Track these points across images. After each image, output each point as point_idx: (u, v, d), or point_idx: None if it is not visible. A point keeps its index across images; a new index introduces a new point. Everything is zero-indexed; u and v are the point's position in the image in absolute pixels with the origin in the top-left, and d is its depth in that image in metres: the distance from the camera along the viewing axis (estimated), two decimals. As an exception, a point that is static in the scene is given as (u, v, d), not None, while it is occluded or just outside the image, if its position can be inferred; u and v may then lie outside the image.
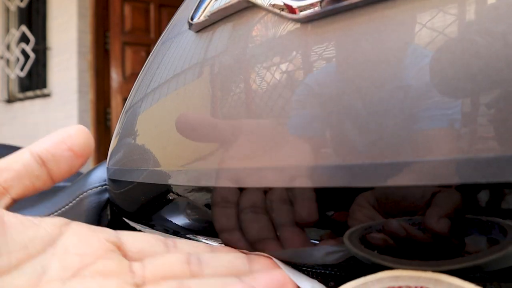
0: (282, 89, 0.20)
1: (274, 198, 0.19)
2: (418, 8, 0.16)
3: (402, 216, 0.16)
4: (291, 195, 0.18)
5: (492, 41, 0.14)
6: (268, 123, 0.20)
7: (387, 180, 0.16)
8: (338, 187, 0.17)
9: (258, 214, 0.20)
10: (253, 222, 0.20)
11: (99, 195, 0.40)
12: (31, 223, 0.19)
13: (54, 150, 0.21)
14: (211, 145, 0.23)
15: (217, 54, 0.24)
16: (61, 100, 2.81)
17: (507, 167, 0.13)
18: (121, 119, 0.35)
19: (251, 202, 0.20)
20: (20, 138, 2.93)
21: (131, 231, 0.22)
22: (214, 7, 0.25)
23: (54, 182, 0.22)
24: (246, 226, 0.20)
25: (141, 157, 0.29)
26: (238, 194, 0.20)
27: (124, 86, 2.79)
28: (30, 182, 0.21)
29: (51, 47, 2.87)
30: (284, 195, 0.19)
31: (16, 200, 0.21)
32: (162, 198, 0.27)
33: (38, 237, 0.18)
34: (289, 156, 0.18)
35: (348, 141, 0.17)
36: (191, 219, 0.26)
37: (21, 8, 3.05)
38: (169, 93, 0.28)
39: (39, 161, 0.21)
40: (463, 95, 0.14)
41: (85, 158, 0.22)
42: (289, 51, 0.20)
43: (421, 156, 0.15)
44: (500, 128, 0.13)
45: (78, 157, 0.22)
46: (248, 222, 0.20)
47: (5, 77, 3.11)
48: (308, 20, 0.19)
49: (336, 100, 0.18)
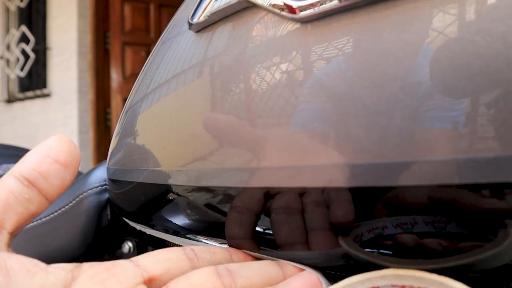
0: (282, 89, 0.20)
1: (308, 198, 0.18)
2: (418, 8, 0.16)
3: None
4: (325, 195, 0.18)
5: (492, 41, 0.14)
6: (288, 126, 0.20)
7: (393, 180, 0.16)
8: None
9: (290, 215, 0.19)
10: (284, 224, 0.19)
11: (99, 195, 0.40)
12: (38, 268, 0.17)
13: (39, 167, 0.19)
14: (222, 145, 0.23)
15: (217, 54, 0.24)
16: (61, 100, 2.81)
17: (507, 167, 0.13)
18: (121, 119, 0.35)
19: (282, 203, 0.19)
20: (20, 138, 2.93)
21: (149, 252, 0.20)
22: (214, 7, 0.25)
23: (50, 201, 0.20)
24: (277, 228, 0.20)
25: (141, 157, 0.29)
26: (260, 195, 0.20)
27: (124, 86, 2.79)
28: (24, 208, 0.18)
29: (51, 47, 2.87)
30: (318, 195, 0.18)
31: (15, 234, 0.19)
32: (162, 198, 0.27)
33: (47, 284, 0.16)
34: (321, 156, 0.18)
35: (350, 140, 0.17)
36: (191, 219, 0.26)
37: (21, 8, 3.05)
38: (169, 93, 0.28)
39: (26, 183, 0.19)
40: (463, 95, 0.14)
41: (74, 167, 0.20)
42: (289, 51, 0.20)
43: (421, 156, 0.15)
44: (500, 128, 0.13)
45: (67, 168, 0.20)
46: (279, 224, 0.20)
47: (5, 77, 3.11)
48: (308, 20, 0.19)
49: (346, 98, 0.18)
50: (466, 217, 0.15)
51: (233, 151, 0.21)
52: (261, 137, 0.20)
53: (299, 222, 0.19)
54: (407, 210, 0.16)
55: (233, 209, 0.21)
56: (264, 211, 0.20)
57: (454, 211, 0.15)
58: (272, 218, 0.20)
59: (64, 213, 0.40)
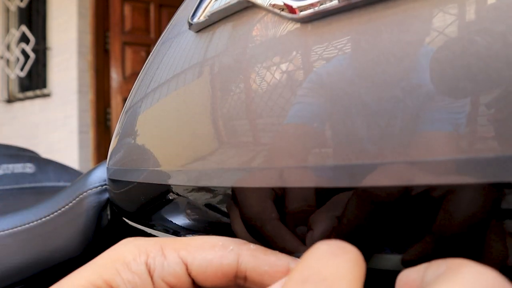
0: (282, 89, 0.20)
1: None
2: (418, 8, 0.16)
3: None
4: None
5: (492, 41, 0.14)
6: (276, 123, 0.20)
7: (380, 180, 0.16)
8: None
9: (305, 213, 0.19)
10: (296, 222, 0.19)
11: (99, 195, 0.40)
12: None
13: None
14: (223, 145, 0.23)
15: (217, 54, 0.24)
16: (61, 100, 2.81)
17: (507, 167, 0.13)
18: (121, 119, 0.35)
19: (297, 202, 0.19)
20: (20, 138, 2.93)
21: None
22: (214, 7, 0.25)
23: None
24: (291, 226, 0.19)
25: (141, 157, 0.29)
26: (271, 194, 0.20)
27: (124, 86, 2.79)
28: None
29: (51, 47, 2.87)
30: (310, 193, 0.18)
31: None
32: (162, 198, 0.27)
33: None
34: (322, 155, 0.18)
35: (350, 140, 0.17)
36: (191, 219, 0.26)
37: (21, 8, 3.05)
38: (169, 93, 0.28)
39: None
40: (462, 95, 0.14)
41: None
42: (289, 51, 0.20)
43: (421, 156, 0.15)
44: (500, 128, 0.13)
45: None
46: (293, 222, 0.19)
47: (5, 77, 3.11)
48: (308, 20, 0.19)
49: (347, 97, 0.18)
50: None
51: (233, 151, 0.21)
52: (261, 137, 0.20)
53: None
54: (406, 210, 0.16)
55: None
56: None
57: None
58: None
59: (64, 213, 0.40)
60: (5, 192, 0.63)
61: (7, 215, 0.42)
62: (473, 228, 0.14)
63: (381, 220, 0.16)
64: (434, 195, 0.15)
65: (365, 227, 0.17)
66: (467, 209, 0.14)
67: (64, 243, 0.40)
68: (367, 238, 0.17)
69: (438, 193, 0.15)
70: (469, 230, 0.14)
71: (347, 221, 0.17)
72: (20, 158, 0.70)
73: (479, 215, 0.14)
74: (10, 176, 0.67)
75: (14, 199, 0.57)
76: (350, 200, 0.17)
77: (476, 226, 0.14)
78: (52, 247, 0.40)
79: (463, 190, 0.14)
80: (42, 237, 0.40)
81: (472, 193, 0.14)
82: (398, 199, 0.16)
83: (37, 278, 0.40)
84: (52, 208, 0.40)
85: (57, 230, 0.40)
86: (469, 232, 0.15)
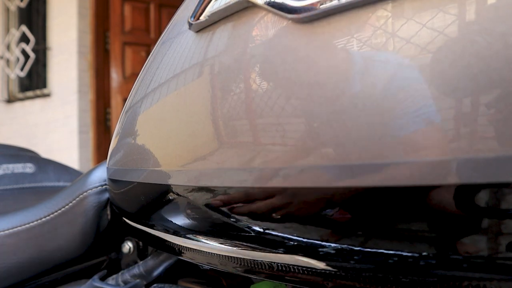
0: (282, 89, 0.20)
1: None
2: (418, 9, 0.16)
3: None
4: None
5: (492, 41, 0.14)
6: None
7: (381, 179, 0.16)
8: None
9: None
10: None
11: (99, 195, 0.40)
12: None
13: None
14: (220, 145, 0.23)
15: (217, 54, 0.24)
16: (61, 100, 2.81)
17: (507, 167, 0.13)
18: (121, 119, 0.35)
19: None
20: (20, 138, 2.93)
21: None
22: (214, 7, 0.25)
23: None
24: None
25: (141, 157, 0.29)
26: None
27: (124, 86, 2.79)
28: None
29: (51, 47, 2.87)
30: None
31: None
32: (162, 198, 0.27)
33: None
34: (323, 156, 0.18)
35: (345, 141, 0.17)
36: (191, 219, 0.26)
37: (21, 8, 3.05)
38: (169, 93, 0.28)
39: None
40: (463, 95, 0.14)
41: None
42: (289, 51, 0.20)
43: (421, 156, 0.15)
44: (500, 128, 0.13)
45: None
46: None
47: (5, 77, 3.11)
48: (308, 20, 0.19)
49: (346, 98, 0.18)
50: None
51: (233, 151, 0.21)
52: (261, 137, 0.20)
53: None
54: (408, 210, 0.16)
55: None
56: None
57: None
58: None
59: (64, 213, 0.40)
60: (5, 192, 0.63)
61: (7, 215, 0.42)
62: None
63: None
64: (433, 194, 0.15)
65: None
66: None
67: (64, 243, 0.40)
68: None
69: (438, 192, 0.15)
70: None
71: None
72: (20, 158, 0.70)
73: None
74: (10, 176, 0.67)
75: (14, 199, 0.57)
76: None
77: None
78: (52, 247, 0.40)
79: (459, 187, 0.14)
80: (42, 237, 0.40)
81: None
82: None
83: (37, 278, 0.40)
84: (52, 208, 0.40)
85: (57, 230, 0.40)
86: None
